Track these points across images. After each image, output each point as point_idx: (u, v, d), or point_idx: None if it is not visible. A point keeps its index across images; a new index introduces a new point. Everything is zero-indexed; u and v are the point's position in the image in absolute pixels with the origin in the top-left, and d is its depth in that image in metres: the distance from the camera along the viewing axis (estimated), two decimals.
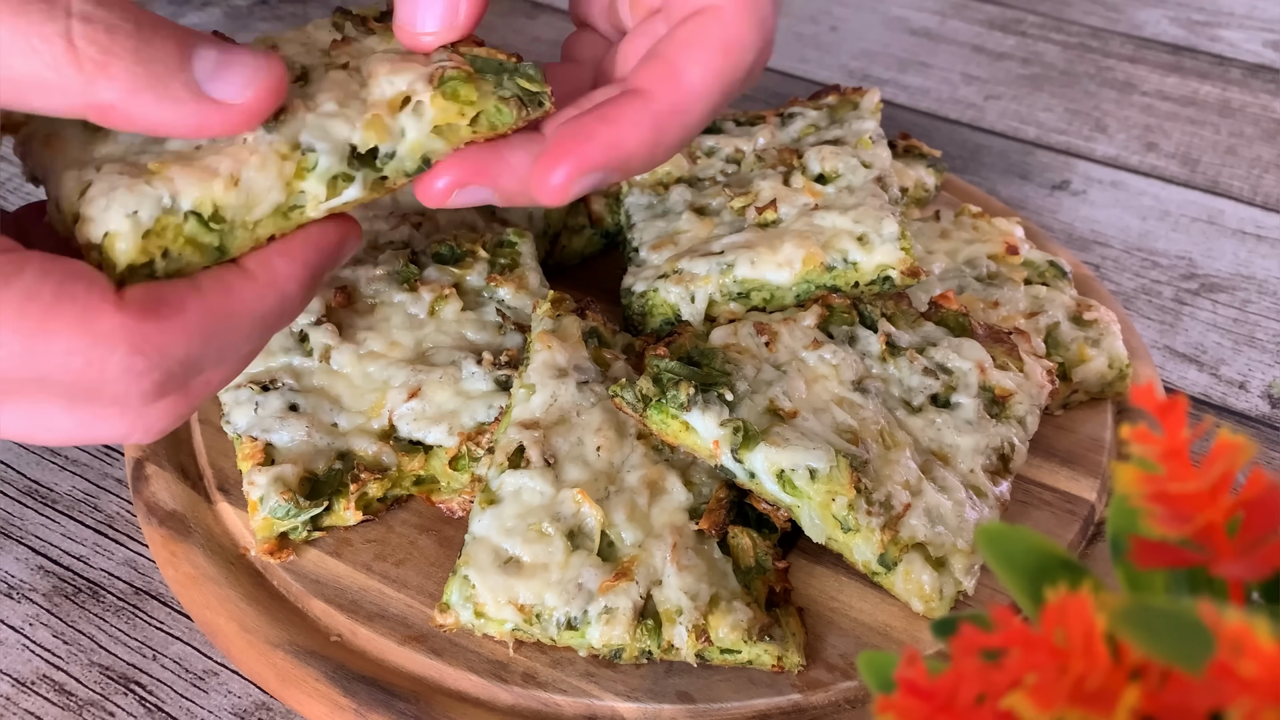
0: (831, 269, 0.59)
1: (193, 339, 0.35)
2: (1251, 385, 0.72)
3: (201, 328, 0.36)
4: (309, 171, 0.39)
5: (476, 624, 0.48)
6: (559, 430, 0.52)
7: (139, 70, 0.34)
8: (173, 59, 0.35)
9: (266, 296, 0.38)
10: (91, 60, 0.33)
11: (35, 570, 0.55)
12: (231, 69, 0.36)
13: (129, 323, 0.34)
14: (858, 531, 0.49)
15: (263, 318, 0.38)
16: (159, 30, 0.35)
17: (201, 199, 0.37)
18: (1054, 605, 0.22)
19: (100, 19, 0.33)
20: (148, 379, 0.35)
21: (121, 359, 0.34)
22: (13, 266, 0.33)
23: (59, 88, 0.33)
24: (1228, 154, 0.95)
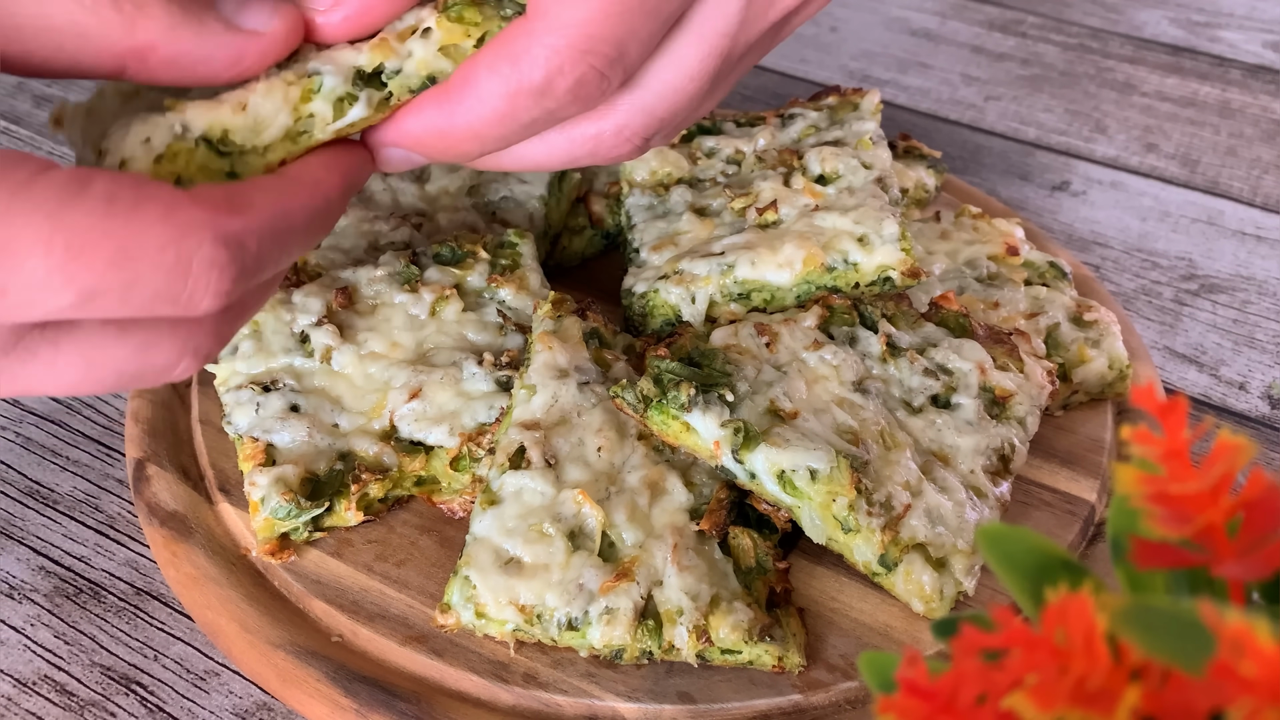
0: (832, 270, 0.59)
1: (265, 233, 0.36)
2: (1251, 386, 0.72)
3: (271, 223, 0.36)
4: (315, 94, 0.39)
5: (477, 624, 0.48)
6: (560, 431, 0.52)
7: (174, 7, 0.36)
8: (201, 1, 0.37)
9: (315, 196, 0.38)
10: (130, 2, 0.35)
11: (36, 571, 0.55)
12: (253, 4, 0.38)
13: (211, 215, 0.34)
14: (858, 532, 0.49)
15: (313, 217, 0.38)
16: None
17: (212, 124, 0.38)
18: (1055, 605, 0.23)
19: None
20: (228, 274, 0.34)
21: (208, 251, 0.34)
22: (84, 177, 0.33)
23: (99, 32, 0.35)
24: (1228, 155, 0.95)
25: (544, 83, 0.39)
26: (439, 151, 0.42)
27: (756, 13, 0.41)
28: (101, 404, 0.65)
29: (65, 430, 0.63)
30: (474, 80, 0.40)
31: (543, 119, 0.40)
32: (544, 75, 0.38)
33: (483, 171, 0.70)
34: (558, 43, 0.38)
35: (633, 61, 0.40)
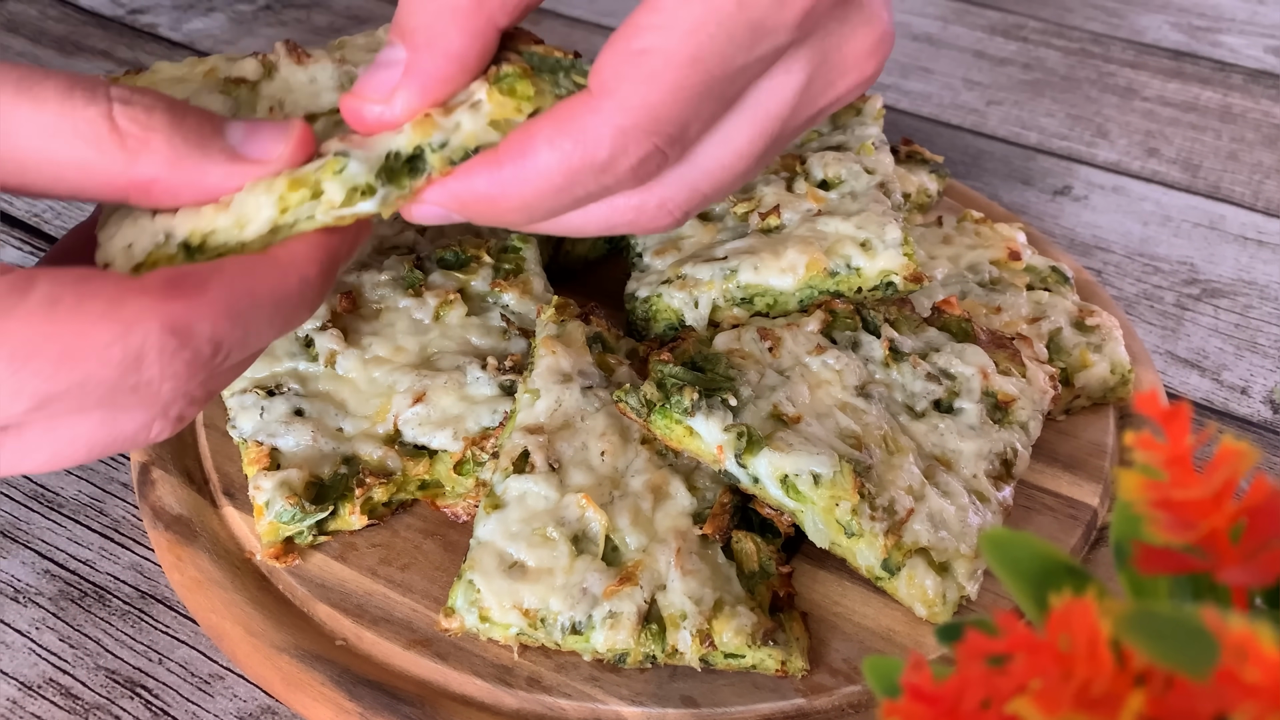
0: (834, 274, 0.59)
1: (219, 316, 0.35)
2: (1253, 390, 0.72)
3: (227, 305, 0.35)
4: (336, 174, 0.38)
5: (481, 628, 0.48)
6: (563, 435, 0.52)
7: (178, 140, 0.36)
8: (207, 130, 0.37)
9: (288, 278, 0.37)
10: (134, 137, 0.35)
11: (41, 574, 0.55)
12: (261, 132, 0.37)
13: (156, 303, 0.34)
14: (861, 536, 0.49)
15: (285, 299, 0.38)
16: (190, 110, 0.37)
17: (193, 231, 0.37)
18: (1059, 611, 0.23)
19: (137, 101, 0.35)
20: (180, 358, 0.34)
21: (156, 339, 0.33)
22: (24, 282, 0.32)
23: (102, 168, 0.35)
24: (1229, 159, 0.95)
25: (607, 161, 0.38)
26: (482, 216, 0.41)
27: (811, 98, 0.41)
28: None
29: None
30: (532, 152, 0.38)
31: (596, 194, 0.40)
32: (609, 154, 0.38)
33: None
34: (625, 122, 0.37)
35: (692, 140, 0.39)
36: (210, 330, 0.35)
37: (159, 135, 0.35)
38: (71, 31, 1.07)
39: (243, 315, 0.36)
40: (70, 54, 1.03)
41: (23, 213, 0.81)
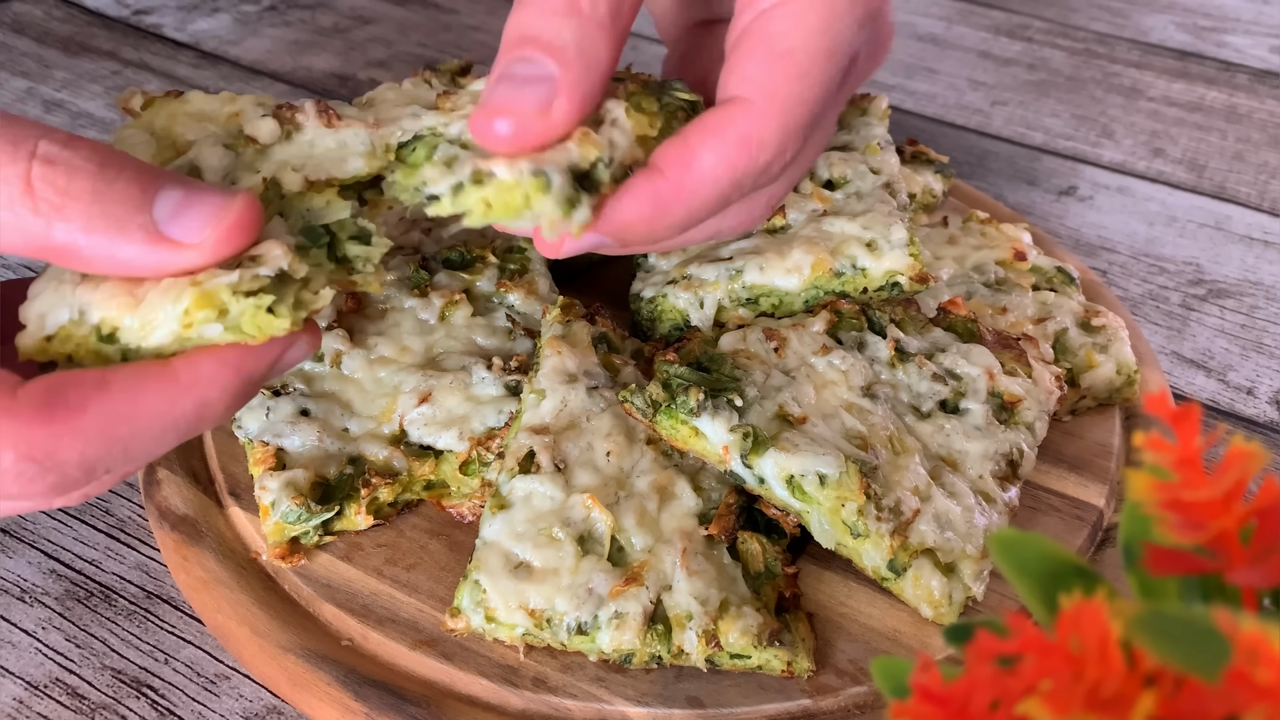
0: (840, 275, 0.59)
1: (90, 443, 0.34)
2: (1259, 391, 0.72)
3: (101, 431, 0.34)
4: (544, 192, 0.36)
5: (487, 628, 0.48)
6: (569, 435, 0.52)
7: (95, 211, 0.34)
8: (133, 200, 0.34)
9: (181, 400, 0.35)
10: (48, 202, 0.33)
11: (47, 574, 0.55)
12: (193, 209, 0.35)
13: (19, 428, 0.32)
14: (867, 537, 0.49)
15: (174, 422, 0.35)
16: (124, 171, 0.34)
17: (104, 318, 0.35)
18: (1069, 612, 0.23)
19: (63, 161, 0.33)
20: (40, 483, 0.33)
21: (11, 465, 0.32)
22: None
23: (15, 228, 0.33)
24: (1235, 160, 0.95)
25: (772, 159, 0.39)
26: (638, 236, 0.40)
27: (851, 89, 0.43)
28: None
29: None
30: (695, 162, 0.38)
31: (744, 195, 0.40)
32: (774, 153, 0.38)
33: None
34: (788, 121, 0.38)
35: None
36: (78, 457, 0.33)
37: (75, 204, 0.33)
38: (77, 32, 1.07)
39: (119, 440, 0.34)
40: (75, 54, 1.03)
41: None
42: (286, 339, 0.37)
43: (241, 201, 0.36)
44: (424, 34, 1.11)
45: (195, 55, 1.05)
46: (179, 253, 0.35)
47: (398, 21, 1.13)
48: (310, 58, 1.06)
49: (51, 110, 0.95)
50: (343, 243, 0.39)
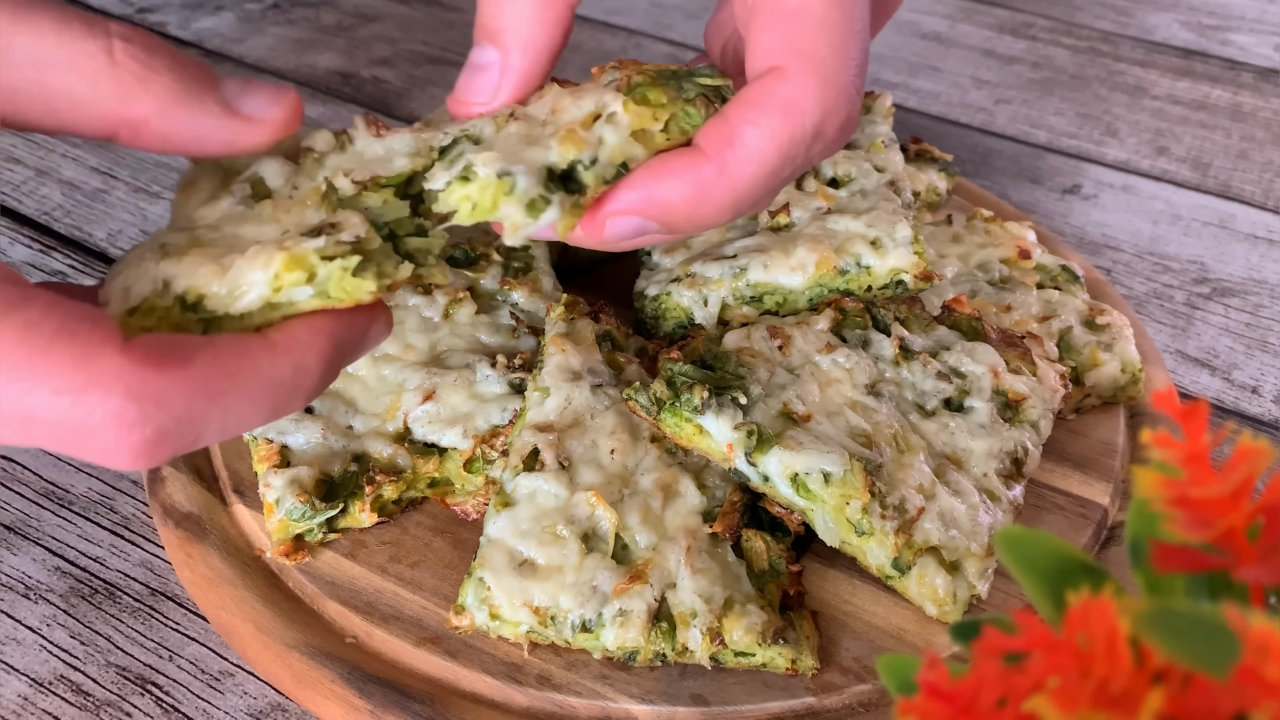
0: (845, 273, 0.59)
1: (195, 395, 0.33)
2: (1264, 390, 0.72)
3: (207, 385, 0.33)
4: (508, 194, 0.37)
5: (491, 626, 0.48)
6: (573, 433, 0.52)
7: (177, 86, 0.35)
8: (205, 79, 0.36)
9: (281, 364, 0.35)
10: (132, 74, 0.34)
11: (52, 571, 0.56)
12: (256, 91, 0.37)
13: (129, 366, 0.32)
14: (871, 535, 0.49)
15: (275, 386, 0.35)
16: (190, 59, 0.36)
17: (189, 286, 0.35)
18: (1076, 609, 0.23)
19: (139, 39, 0.35)
20: (138, 432, 0.32)
21: (116, 404, 0.31)
22: (17, 299, 0.31)
23: (94, 103, 0.34)
24: (1239, 158, 0.95)
25: (818, 125, 0.37)
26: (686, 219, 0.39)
27: None
28: None
29: None
30: (737, 140, 0.38)
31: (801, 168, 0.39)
32: (819, 117, 0.37)
33: None
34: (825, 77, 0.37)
35: None
36: (183, 408, 0.33)
37: (157, 77, 0.34)
38: None
39: (223, 397, 0.34)
40: None
41: (32, 210, 0.81)
42: (370, 311, 0.38)
43: (292, 91, 0.38)
44: (427, 32, 1.11)
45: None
46: (250, 127, 0.36)
47: (401, 19, 1.13)
48: (314, 56, 1.06)
49: None
50: (403, 239, 0.39)
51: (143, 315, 0.35)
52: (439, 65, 1.04)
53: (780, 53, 0.37)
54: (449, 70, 1.03)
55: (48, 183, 0.84)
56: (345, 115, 0.96)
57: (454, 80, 0.42)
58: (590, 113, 0.39)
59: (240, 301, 0.35)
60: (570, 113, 0.39)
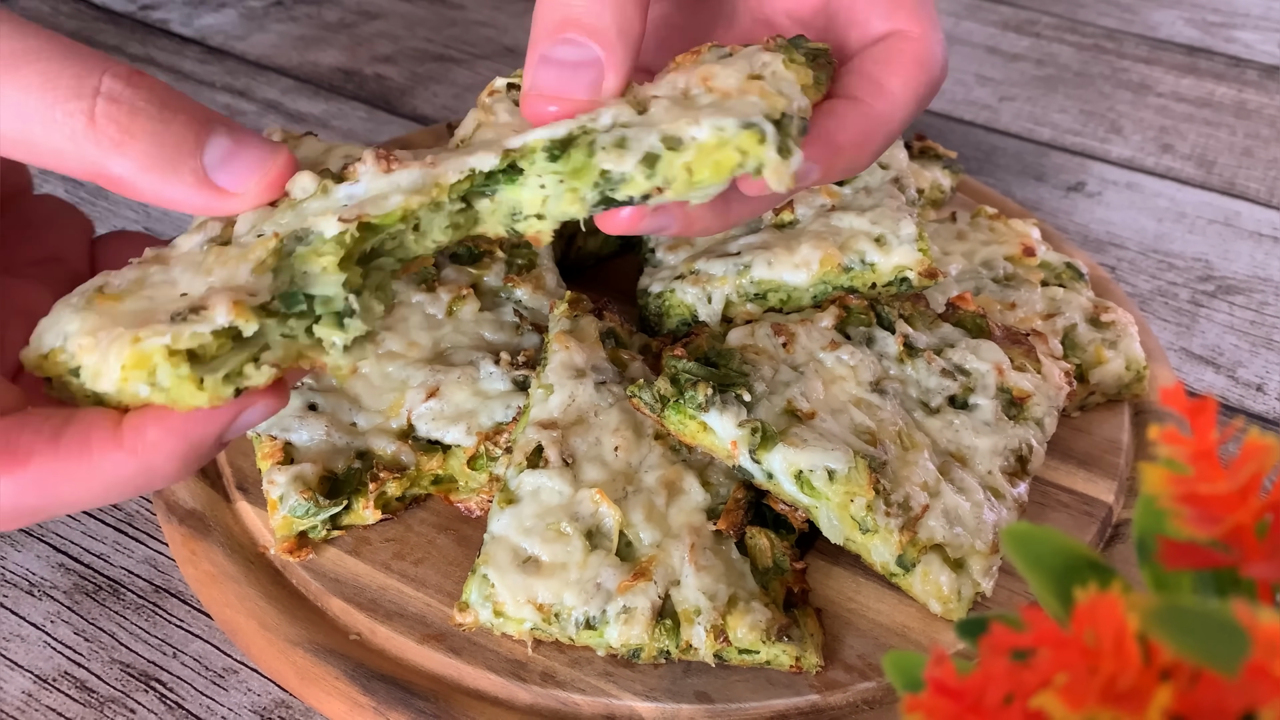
0: (849, 270, 0.59)
1: (28, 494, 0.34)
2: (1269, 387, 0.71)
3: (43, 486, 0.34)
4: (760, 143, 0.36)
5: (495, 623, 0.48)
6: (577, 430, 0.52)
7: (153, 152, 0.35)
8: (187, 144, 0.36)
9: (124, 466, 0.35)
10: (110, 138, 0.35)
11: (56, 568, 0.56)
12: (239, 159, 0.37)
13: None
14: (876, 532, 0.49)
15: (117, 485, 0.36)
16: (180, 114, 0.36)
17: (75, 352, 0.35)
18: (1084, 605, 0.22)
19: (126, 99, 0.35)
20: None
21: None
22: None
23: (74, 156, 0.35)
24: (1244, 155, 0.95)
25: (942, 75, 0.45)
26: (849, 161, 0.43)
27: None
28: None
29: None
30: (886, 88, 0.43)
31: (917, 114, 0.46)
32: (942, 68, 0.44)
33: None
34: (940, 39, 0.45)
35: None
36: (13, 505, 0.34)
37: (133, 142, 0.35)
38: (83, 27, 1.07)
39: (60, 494, 0.35)
40: None
41: None
42: (243, 401, 0.36)
43: (283, 158, 0.38)
44: (430, 29, 1.11)
45: (201, 50, 1.05)
46: (224, 199, 0.37)
47: (404, 16, 1.13)
48: (316, 53, 1.05)
49: None
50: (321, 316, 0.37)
51: (50, 364, 0.35)
52: (442, 62, 1.04)
53: (897, 17, 0.44)
54: (452, 67, 1.03)
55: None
56: (347, 112, 0.96)
57: (458, 78, 0.42)
58: (749, 74, 0.39)
59: (99, 385, 0.35)
60: (728, 79, 0.39)
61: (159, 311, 0.35)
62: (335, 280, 0.37)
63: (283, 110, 0.96)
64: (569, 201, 0.38)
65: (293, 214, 0.38)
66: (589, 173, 0.38)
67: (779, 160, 0.37)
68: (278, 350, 0.36)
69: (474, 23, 1.11)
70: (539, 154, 0.38)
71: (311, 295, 0.37)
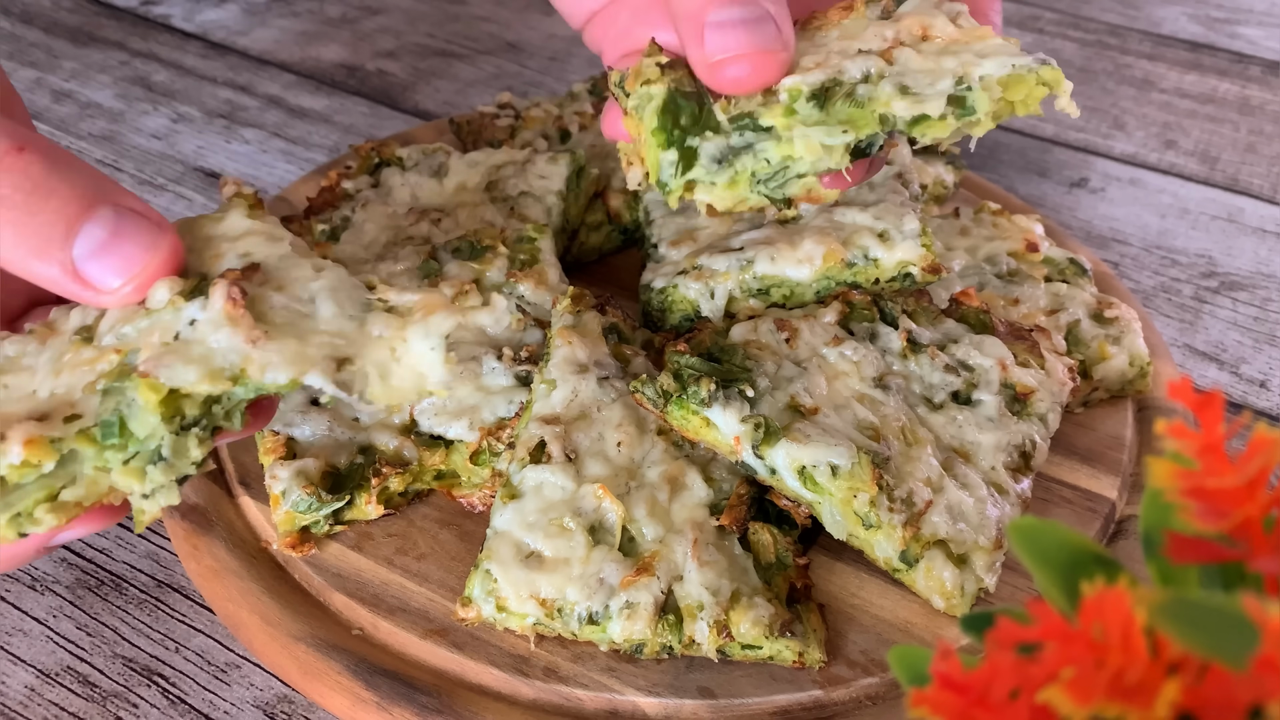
0: (852, 265, 0.58)
1: None
2: (1272, 384, 0.71)
3: None
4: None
5: (498, 618, 0.48)
6: (580, 426, 0.52)
7: (22, 243, 0.35)
8: (58, 233, 0.35)
9: None
10: None
11: (58, 563, 0.56)
12: (113, 253, 0.36)
13: None
14: (879, 528, 0.49)
15: None
16: (53, 198, 0.35)
17: None
18: (1091, 599, 0.22)
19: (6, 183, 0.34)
20: None
21: None
22: None
23: None
24: (1247, 151, 0.95)
25: None
26: None
27: None
28: None
29: None
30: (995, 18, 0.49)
31: None
32: None
33: (500, 167, 0.70)
34: None
35: None
36: None
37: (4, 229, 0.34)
38: (85, 23, 1.07)
39: None
40: (84, 45, 1.03)
41: None
42: (57, 530, 0.36)
43: (163, 254, 0.36)
44: (432, 24, 1.10)
45: (203, 46, 1.05)
46: (92, 294, 0.36)
47: (406, 11, 1.13)
48: (318, 48, 1.05)
49: (60, 100, 0.95)
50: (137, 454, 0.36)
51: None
52: (444, 58, 1.04)
53: None
54: (454, 63, 1.03)
55: None
56: (349, 107, 0.96)
57: (460, 73, 0.42)
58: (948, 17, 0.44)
59: None
60: (945, 28, 0.43)
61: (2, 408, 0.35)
62: (153, 420, 0.35)
63: (285, 105, 0.96)
64: (840, 154, 0.41)
65: (148, 323, 0.36)
66: (868, 122, 0.41)
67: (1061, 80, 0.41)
68: (83, 484, 0.35)
69: (476, 18, 1.11)
70: (801, 97, 0.41)
71: (128, 429, 0.35)
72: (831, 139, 0.40)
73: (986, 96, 0.40)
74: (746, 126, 0.41)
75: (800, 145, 0.40)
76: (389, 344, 0.37)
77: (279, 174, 0.86)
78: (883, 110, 0.40)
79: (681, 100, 0.42)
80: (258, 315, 0.36)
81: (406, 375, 0.37)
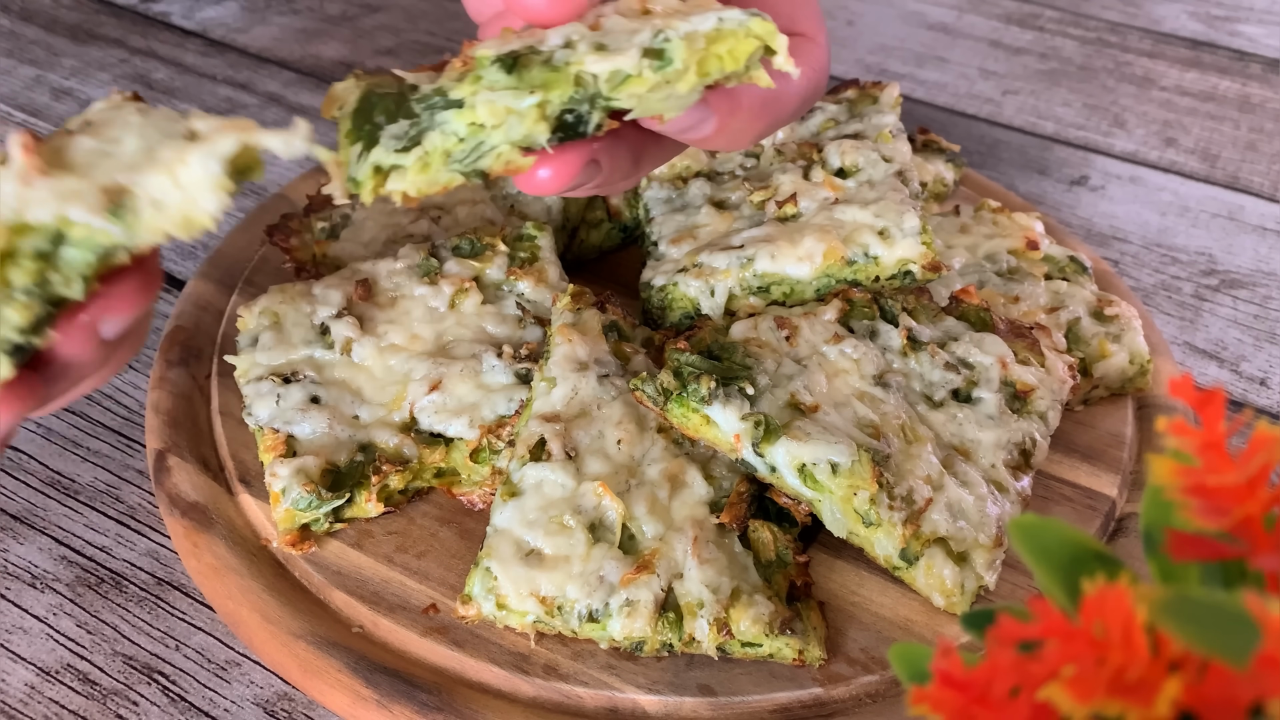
0: (852, 263, 0.58)
1: None
2: (1273, 382, 0.71)
3: None
4: None
5: (498, 616, 0.48)
6: (580, 423, 0.52)
7: None
8: None
9: None
10: None
11: (58, 560, 0.55)
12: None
13: None
14: (879, 526, 0.49)
15: None
16: None
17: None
18: (1092, 596, 0.22)
19: None
20: None
21: None
22: None
23: None
24: (1248, 149, 0.95)
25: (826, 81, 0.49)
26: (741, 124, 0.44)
27: None
28: (121, 395, 0.65)
29: (86, 421, 0.63)
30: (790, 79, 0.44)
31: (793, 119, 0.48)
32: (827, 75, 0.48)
33: None
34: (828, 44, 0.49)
35: None
36: None
37: None
38: (84, 20, 1.07)
39: None
40: (83, 42, 1.03)
41: None
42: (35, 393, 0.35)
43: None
44: (432, 22, 1.10)
45: (203, 43, 1.04)
46: None
47: (405, 9, 1.13)
48: (318, 46, 1.05)
49: (59, 98, 0.94)
50: None
51: None
52: (444, 56, 1.04)
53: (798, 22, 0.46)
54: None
55: None
56: None
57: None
58: None
59: None
60: (668, 2, 0.40)
61: None
62: None
63: (285, 103, 0.96)
64: (534, 120, 0.37)
65: None
66: (562, 83, 0.37)
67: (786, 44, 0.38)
68: None
69: None
70: (489, 66, 0.37)
71: None
72: (518, 101, 0.36)
73: (685, 44, 0.37)
74: (438, 106, 0.37)
75: (484, 110, 0.37)
76: (170, 170, 0.34)
77: (279, 172, 0.86)
78: (578, 69, 0.37)
79: (376, 98, 0.39)
80: (61, 163, 0.34)
81: (180, 204, 0.34)
